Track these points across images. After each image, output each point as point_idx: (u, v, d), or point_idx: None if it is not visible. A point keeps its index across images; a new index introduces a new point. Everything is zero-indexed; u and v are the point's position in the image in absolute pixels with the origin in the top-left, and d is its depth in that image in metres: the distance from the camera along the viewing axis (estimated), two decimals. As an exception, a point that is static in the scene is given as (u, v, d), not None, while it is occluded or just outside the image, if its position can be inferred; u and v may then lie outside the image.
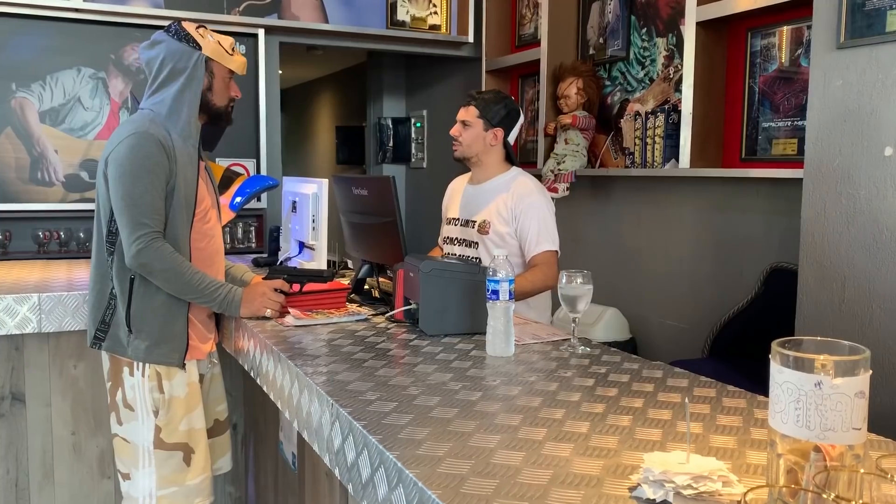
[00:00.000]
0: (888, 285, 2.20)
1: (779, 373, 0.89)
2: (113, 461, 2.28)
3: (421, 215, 5.96)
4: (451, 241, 2.69)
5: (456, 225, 2.66)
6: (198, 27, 2.07)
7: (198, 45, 2.03)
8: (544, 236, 2.45)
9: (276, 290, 2.11)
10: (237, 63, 2.13)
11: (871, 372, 0.87)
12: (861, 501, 0.74)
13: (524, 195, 2.49)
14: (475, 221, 2.56)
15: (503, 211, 2.49)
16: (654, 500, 0.94)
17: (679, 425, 1.25)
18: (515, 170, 2.61)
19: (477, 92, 2.65)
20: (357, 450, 1.24)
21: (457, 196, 2.71)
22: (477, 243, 2.55)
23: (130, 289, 2.00)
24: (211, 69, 2.07)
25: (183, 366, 2.07)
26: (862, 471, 0.77)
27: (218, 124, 2.19)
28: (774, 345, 0.90)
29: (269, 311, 2.08)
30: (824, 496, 0.71)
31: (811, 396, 0.85)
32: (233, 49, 2.12)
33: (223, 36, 2.13)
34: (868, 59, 2.23)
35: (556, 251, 2.48)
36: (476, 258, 2.53)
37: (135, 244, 1.92)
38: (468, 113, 2.56)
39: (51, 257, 3.70)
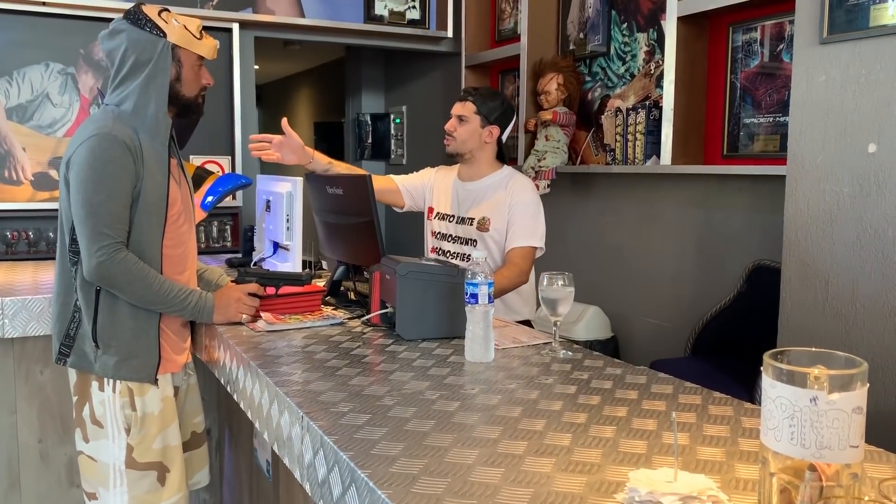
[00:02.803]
0: (872, 284, 2.17)
1: (771, 387, 0.84)
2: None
3: (400, 214, 5.88)
4: (443, 237, 2.63)
5: (451, 221, 2.61)
6: (160, 11, 1.90)
7: (162, 31, 1.87)
8: (525, 231, 2.44)
9: (249, 294, 2.03)
10: (207, 47, 1.97)
11: (868, 385, 0.83)
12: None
13: (518, 191, 2.48)
14: (473, 219, 2.52)
15: (502, 208, 2.47)
16: (641, 521, 0.89)
17: (664, 436, 1.20)
18: (509, 168, 2.58)
19: (473, 88, 2.62)
20: (328, 466, 1.18)
21: (445, 191, 2.65)
22: (476, 241, 2.51)
23: (96, 301, 1.87)
24: (178, 57, 1.91)
25: (156, 381, 1.95)
26: (867, 498, 0.72)
27: (189, 116, 2.03)
28: (767, 357, 0.85)
29: (244, 316, 2.01)
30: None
31: (806, 413, 0.80)
32: (201, 33, 1.96)
33: (189, 18, 1.96)
34: (851, 54, 2.20)
35: (535, 248, 2.45)
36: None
37: (95, 255, 1.79)
38: (465, 108, 2.52)
39: (19, 258, 3.60)
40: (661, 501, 0.88)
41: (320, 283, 2.44)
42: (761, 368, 0.86)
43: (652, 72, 3.52)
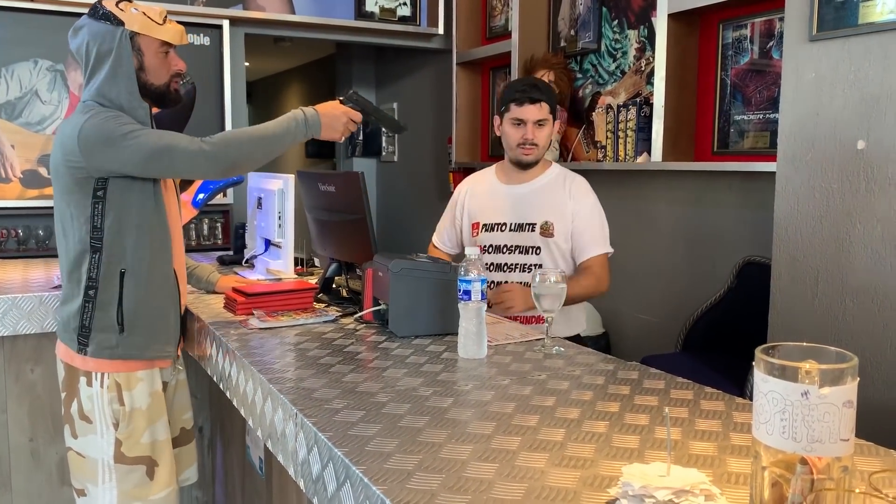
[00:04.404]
0: (861, 280, 2.19)
1: (763, 382, 0.84)
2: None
3: (392, 210, 5.89)
4: (498, 249, 2.42)
5: (504, 230, 2.41)
6: (118, 2, 1.88)
7: (119, 20, 1.85)
8: (599, 239, 2.38)
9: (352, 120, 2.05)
10: (171, 32, 1.93)
11: (858, 379, 0.84)
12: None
13: (582, 195, 2.38)
14: (534, 224, 2.36)
15: (565, 212, 2.35)
16: (634, 515, 0.89)
17: (657, 431, 1.21)
18: (556, 165, 2.46)
19: (535, 86, 2.37)
20: (322, 462, 1.18)
21: (490, 199, 2.46)
22: (539, 248, 2.36)
23: (121, 285, 1.87)
24: (138, 45, 1.88)
25: (173, 359, 2.02)
26: (858, 490, 0.73)
27: (166, 105, 2.00)
28: (758, 352, 0.86)
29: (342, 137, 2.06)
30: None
31: (798, 407, 0.81)
32: (164, 19, 1.92)
33: (150, 7, 1.93)
34: (840, 51, 2.21)
35: (608, 252, 2.42)
36: (538, 265, 2.36)
37: (200, 154, 1.82)
38: (542, 111, 2.33)
39: (9, 256, 3.58)
40: (654, 495, 0.89)
41: (312, 281, 2.44)
42: (753, 363, 0.87)
43: (643, 69, 3.53)
